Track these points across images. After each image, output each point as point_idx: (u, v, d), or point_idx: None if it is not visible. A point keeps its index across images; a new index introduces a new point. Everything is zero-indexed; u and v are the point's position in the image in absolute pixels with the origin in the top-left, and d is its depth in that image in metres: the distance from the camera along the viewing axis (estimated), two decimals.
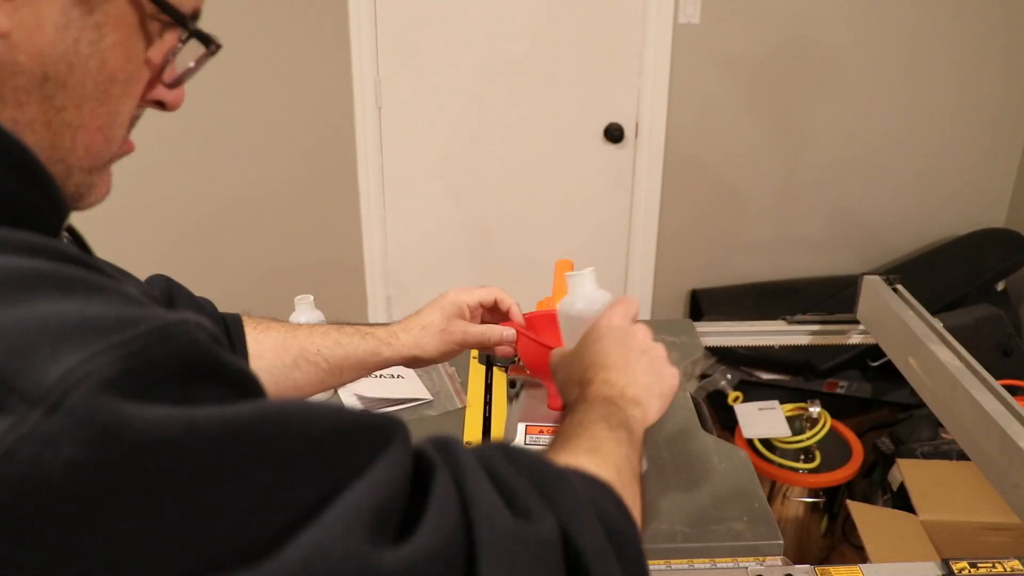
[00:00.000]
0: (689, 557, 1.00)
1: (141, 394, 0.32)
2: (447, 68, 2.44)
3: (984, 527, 1.64)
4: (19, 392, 0.30)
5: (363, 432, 0.38)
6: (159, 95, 0.51)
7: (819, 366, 2.22)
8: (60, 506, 0.30)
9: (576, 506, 0.46)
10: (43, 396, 0.30)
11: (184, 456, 0.31)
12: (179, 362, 0.34)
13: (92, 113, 0.45)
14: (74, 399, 0.30)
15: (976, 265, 2.48)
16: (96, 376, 0.31)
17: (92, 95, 0.45)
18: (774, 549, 1.01)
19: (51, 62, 0.43)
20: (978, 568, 0.94)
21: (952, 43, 2.47)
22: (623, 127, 2.51)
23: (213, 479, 0.32)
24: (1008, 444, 1.08)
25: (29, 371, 0.30)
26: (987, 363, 1.26)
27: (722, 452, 1.16)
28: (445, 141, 2.53)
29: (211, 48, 0.51)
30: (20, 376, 0.30)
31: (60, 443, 0.30)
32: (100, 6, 0.43)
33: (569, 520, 0.45)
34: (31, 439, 0.29)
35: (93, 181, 0.49)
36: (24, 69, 0.42)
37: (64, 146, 0.45)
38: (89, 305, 0.34)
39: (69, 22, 0.42)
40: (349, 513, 0.35)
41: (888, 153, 2.60)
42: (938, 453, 1.89)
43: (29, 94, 0.43)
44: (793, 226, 2.68)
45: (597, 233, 2.65)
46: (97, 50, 0.44)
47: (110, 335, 0.32)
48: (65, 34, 0.42)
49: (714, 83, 2.48)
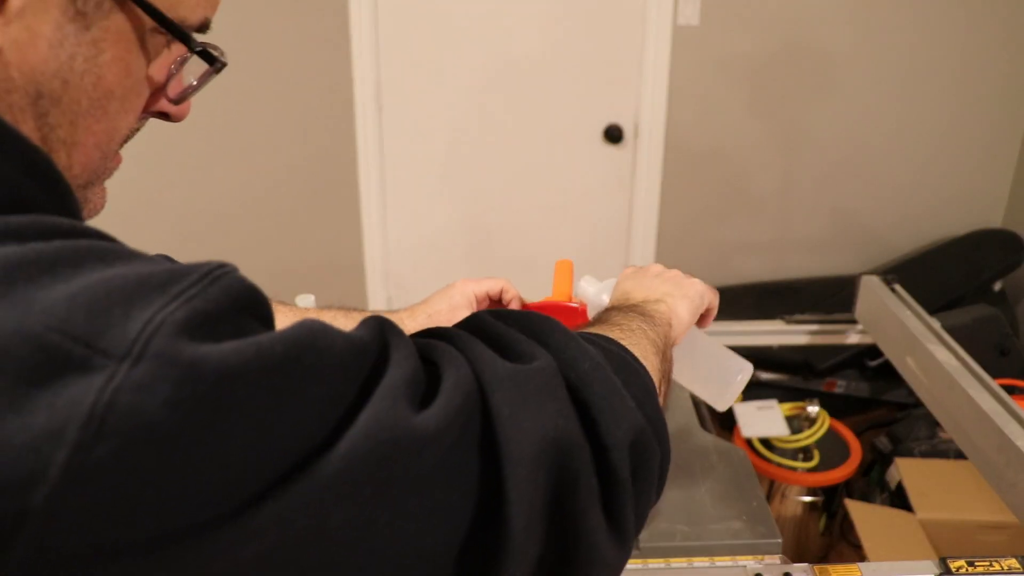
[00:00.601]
0: (688, 556, 1.00)
1: (208, 332, 0.35)
2: (448, 68, 2.45)
3: (981, 526, 1.64)
4: (104, 351, 0.32)
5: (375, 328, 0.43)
6: (163, 108, 0.50)
7: (818, 366, 2.22)
8: (169, 443, 0.32)
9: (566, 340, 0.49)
10: (128, 350, 0.32)
11: (262, 376, 0.35)
12: (232, 300, 0.37)
13: (88, 130, 0.45)
14: (156, 346, 0.33)
15: (974, 265, 2.48)
16: (170, 323, 0.34)
17: (87, 112, 0.44)
18: (773, 548, 1.01)
19: (45, 79, 0.42)
20: (975, 567, 0.94)
21: (950, 45, 2.48)
22: (623, 128, 2.51)
23: (288, 391, 0.36)
24: (1005, 443, 1.09)
25: (109, 331, 0.33)
26: (984, 363, 1.27)
27: (721, 451, 1.17)
28: (446, 141, 2.53)
29: (216, 66, 0.50)
30: (102, 337, 0.33)
31: (155, 386, 0.32)
32: (97, 22, 0.43)
33: (562, 352, 0.48)
34: (127, 388, 0.32)
35: (87, 197, 0.49)
36: (17, 86, 0.41)
37: (60, 164, 0.44)
38: (135, 267, 0.36)
39: (64, 38, 0.42)
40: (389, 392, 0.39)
41: (886, 154, 2.61)
42: (936, 452, 1.89)
43: (23, 111, 0.42)
44: (792, 226, 2.68)
45: (596, 233, 2.66)
46: (93, 66, 0.43)
47: (169, 287, 0.35)
48: (59, 51, 0.42)
49: (713, 84, 2.48)
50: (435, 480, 0.40)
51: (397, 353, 0.42)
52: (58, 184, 0.42)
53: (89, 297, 0.33)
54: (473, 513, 0.41)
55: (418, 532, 0.40)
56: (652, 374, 0.57)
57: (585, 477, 0.45)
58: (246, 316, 0.38)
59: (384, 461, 0.38)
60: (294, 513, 0.35)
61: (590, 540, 0.45)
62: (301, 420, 0.36)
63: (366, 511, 0.38)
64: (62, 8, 0.41)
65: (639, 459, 0.48)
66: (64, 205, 0.42)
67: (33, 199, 0.40)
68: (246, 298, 0.38)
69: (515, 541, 0.41)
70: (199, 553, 0.33)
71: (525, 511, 0.42)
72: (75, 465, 0.30)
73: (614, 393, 0.48)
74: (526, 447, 0.42)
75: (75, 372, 0.32)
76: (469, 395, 0.42)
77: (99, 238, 0.39)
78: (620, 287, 0.78)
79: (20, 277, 0.33)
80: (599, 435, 0.46)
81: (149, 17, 0.44)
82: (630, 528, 0.48)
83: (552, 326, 0.51)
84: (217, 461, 0.33)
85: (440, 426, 0.40)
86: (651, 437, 0.50)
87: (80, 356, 0.32)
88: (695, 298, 0.75)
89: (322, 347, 0.38)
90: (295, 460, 0.35)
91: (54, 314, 0.32)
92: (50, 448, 0.30)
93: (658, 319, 0.68)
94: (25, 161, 0.40)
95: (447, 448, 0.40)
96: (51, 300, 0.33)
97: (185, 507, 0.33)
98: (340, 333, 0.40)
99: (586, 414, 0.47)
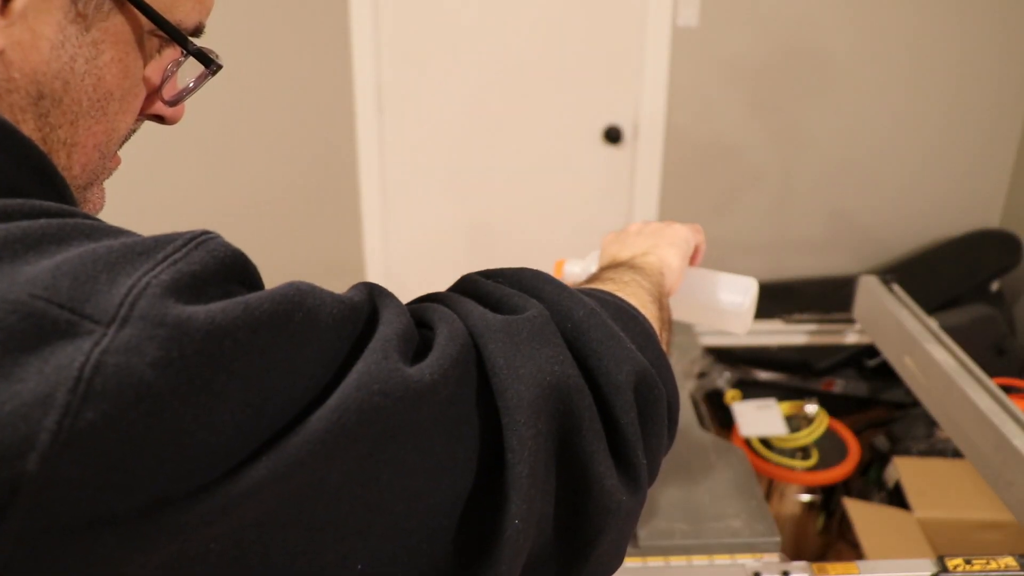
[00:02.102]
0: (687, 554, 1.01)
1: (196, 294, 0.35)
2: (447, 70, 2.45)
3: (979, 524, 1.65)
4: (90, 316, 0.32)
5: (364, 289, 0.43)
6: (158, 110, 0.50)
7: (816, 365, 2.23)
8: (158, 403, 0.32)
9: (559, 291, 0.49)
10: (114, 313, 0.33)
11: (250, 334, 0.35)
12: (219, 264, 0.37)
13: (88, 131, 0.45)
14: (141, 308, 0.33)
15: (971, 265, 2.49)
16: (155, 285, 0.34)
17: (87, 113, 0.44)
18: (771, 546, 1.02)
19: (46, 80, 0.42)
20: (973, 565, 0.95)
21: (948, 45, 2.49)
22: (622, 129, 2.52)
23: (278, 348, 0.36)
24: (1002, 442, 1.10)
25: (94, 297, 0.33)
26: (982, 362, 1.27)
27: (720, 450, 1.17)
28: (445, 142, 2.53)
29: (212, 68, 0.50)
30: (88, 303, 0.33)
31: (142, 347, 0.32)
32: (97, 23, 0.43)
33: (556, 303, 0.48)
34: (115, 351, 0.32)
35: (86, 198, 0.49)
36: (18, 87, 0.42)
37: (60, 164, 0.44)
38: (121, 240, 0.36)
39: (65, 40, 0.42)
40: (380, 345, 0.39)
41: (884, 155, 2.62)
42: (933, 451, 1.90)
43: (24, 111, 0.42)
44: (790, 227, 2.69)
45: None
46: (93, 67, 0.43)
47: (155, 253, 0.35)
48: (61, 52, 0.42)
49: (712, 85, 2.49)
50: (434, 434, 0.40)
51: (388, 312, 0.42)
52: (54, 179, 0.42)
53: (74, 265, 0.33)
54: (477, 466, 0.41)
55: (422, 488, 0.39)
56: (652, 322, 0.56)
57: (588, 421, 0.44)
58: (233, 281, 0.38)
59: (378, 413, 0.37)
60: (290, 470, 0.35)
61: (601, 486, 0.44)
62: (292, 378, 0.36)
63: (366, 468, 0.37)
64: (64, 10, 0.42)
65: (645, 401, 0.48)
66: (61, 200, 0.42)
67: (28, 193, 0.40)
68: (232, 262, 0.38)
69: (520, 490, 0.41)
70: (197, 516, 0.33)
71: (528, 459, 0.41)
72: (65, 429, 0.30)
73: (612, 338, 0.47)
74: (524, 394, 0.42)
75: (62, 338, 0.31)
76: (464, 347, 0.42)
77: (86, 219, 0.39)
78: (605, 252, 0.79)
79: (4, 254, 0.33)
80: (599, 379, 0.46)
81: (147, 19, 0.45)
82: (642, 473, 0.47)
83: (543, 279, 0.50)
84: (208, 421, 0.33)
85: (435, 378, 0.40)
86: (655, 379, 0.48)
87: (67, 321, 0.32)
88: (681, 244, 0.76)
89: (311, 305, 0.38)
90: (288, 418, 0.35)
91: (39, 283, 0.32)
92: (39, 413, 0.30)
93: (649, 270, 0.69)
94: (20, 155, 0.40)
95: (444, 401, 0.40)
96: (37, 271, 0.33)
97: (179, 469, 0.32)
98: (330, 293, 0.40)
99: (584, 361, 0.46)
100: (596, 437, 0.44)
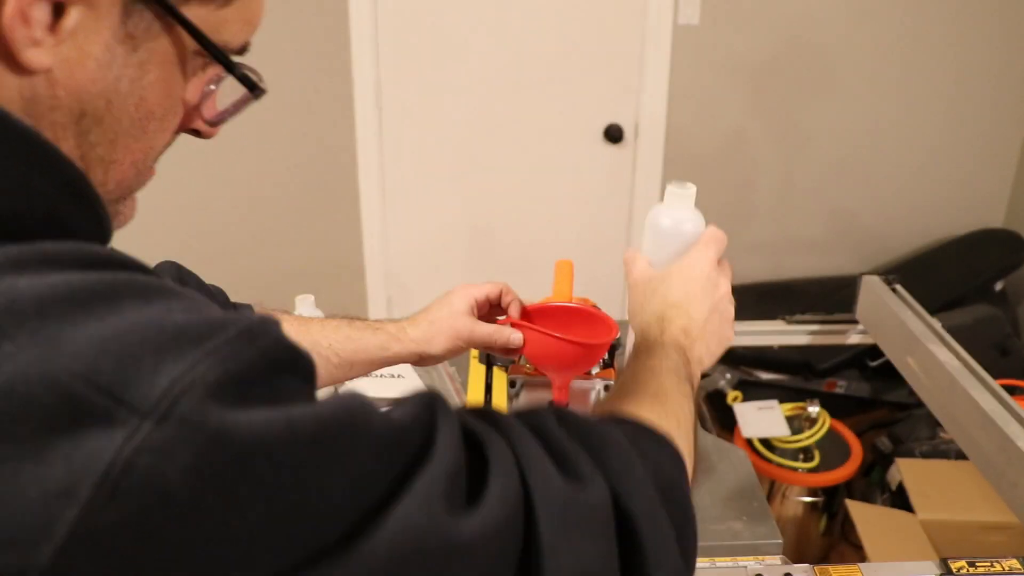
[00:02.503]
0: None
1: (240, 397, 0.33)
2: (447, 69, 2.45)
3: (982, 526, 1.64)
4: (128, 404, 0.31)
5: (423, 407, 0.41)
6: (196, 126, 0.50)
7: (818, 366, 2.22)
8: (182, 511, 0.31)
9: (626, 467, 0.47)
10: (153, 407, 0.31)
11: (287, 454, 0.33)
12: (267, 361, 0.36)
13: (126, 149, 0.45)
14: (183, 408, 0.32)
15: (974, 265, 2.48)
16: (200, 384, 0.32)
17: (127, 131, 0.44)
18: (773, 548, 1.01)
19: (89, 98, 0.42)
20: (976, 567, 0.94)
21: (950, 45, 2.48)
22: (623, 128, 2.51)
23: (313, 472, 0.34)
24: (1006, 443, 1.09)
25: (136, 383, 0.32)
26: (985, 363, 1.26)
27: (721, 451, 1.16)
28: (445, 142, 2.53)
29: (255, 93, 0.49)
30: (128, 388, 0.32)
31: (176, 452, 0.31)
32: (144, 44, 0.42)
33: (619, 482, 0.46)
34: (148, 450, 0.31)
35: (118, 210, 0.49)
36: (62, 104, 0.41)
37: (96, 180, 0.44)
38: (173, 311, 0.35)
39: (112, 59, 0.42)
40: (424, 487, 0.37)
41: (887, 154, 2.61)
42: (937, 452, 1.89)
43: (65, 129, 0.42)
44: (792, 226, 2.68)
45: (596, 234, 2.66)
46: (137, 87, 0.43)
47: (204, 342, 0.34)
48: (107, 71, 0.42)
49: (713, 84, 2.48)
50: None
51: (443, 439, 0.40)
52: (94, 203, 0.42)
53: (121, 344, 0.32)
54: None
55: None
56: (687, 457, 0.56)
57: None
58: (284, 376, 0.37)
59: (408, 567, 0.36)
60: None
61: None
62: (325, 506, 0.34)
63: None
64: (113, 30, 0.41)
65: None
66: (97, 222, 0.42)
67: (68, 216, 0.39)
68: (284, 358, 0.37)
69: None
70: None
71: None
72: (83, 525, 0.30)
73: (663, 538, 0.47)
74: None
75: (97, 425, 0.31)
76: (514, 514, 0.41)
77: (137, 269, 0.38)
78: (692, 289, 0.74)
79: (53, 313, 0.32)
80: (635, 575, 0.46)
81: (194, 40, 0.44)
82: None
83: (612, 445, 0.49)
84: (229, 538, 0.32)
85: (475, 540, 0.38)
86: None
87: (103, 408, 0.31)
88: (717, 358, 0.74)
89: (359, 429, 0.36)
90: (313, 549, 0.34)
91: (81, 359, 0.31)
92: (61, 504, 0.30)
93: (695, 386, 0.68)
94: (63, 179, 0.40)
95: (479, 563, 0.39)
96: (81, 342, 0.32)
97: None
98: (380, 415, 0.38)
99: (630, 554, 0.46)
100: None
